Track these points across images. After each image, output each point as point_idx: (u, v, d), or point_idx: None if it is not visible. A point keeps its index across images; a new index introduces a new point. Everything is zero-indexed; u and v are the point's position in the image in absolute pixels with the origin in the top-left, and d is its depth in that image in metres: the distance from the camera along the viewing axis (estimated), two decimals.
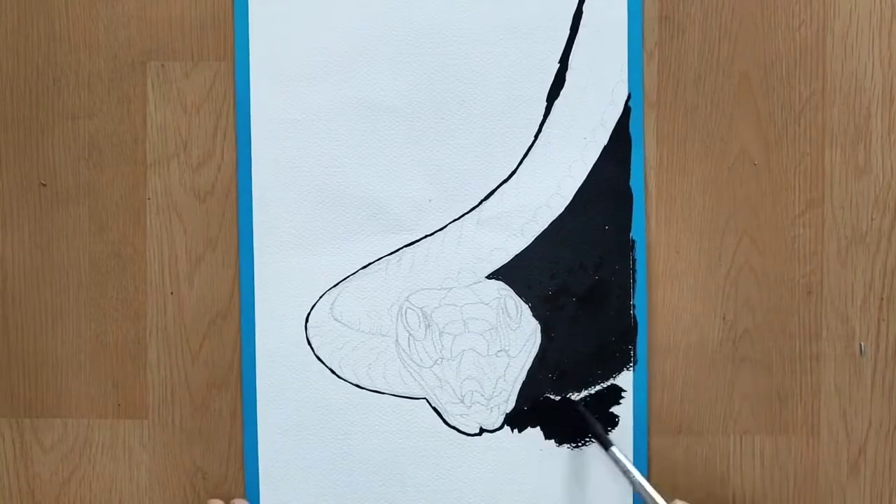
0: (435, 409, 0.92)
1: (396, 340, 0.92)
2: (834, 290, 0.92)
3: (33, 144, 0.92)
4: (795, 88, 0.92)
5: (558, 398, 0.92)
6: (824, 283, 0.92)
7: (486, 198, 0.91)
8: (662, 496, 0.83)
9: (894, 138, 0.92)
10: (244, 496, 0.92)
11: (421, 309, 0.91)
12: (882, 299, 0.92)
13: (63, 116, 0.92)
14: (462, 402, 0.92)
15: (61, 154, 0.92)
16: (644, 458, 0.92)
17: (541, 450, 0.92)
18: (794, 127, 0.92)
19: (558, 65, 0.91)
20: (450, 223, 0.91)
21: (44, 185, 0.92)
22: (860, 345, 0.92)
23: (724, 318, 0.92)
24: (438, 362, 0.91)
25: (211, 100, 0.92)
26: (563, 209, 0.91)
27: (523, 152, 0.91)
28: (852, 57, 0.92)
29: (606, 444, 0.89)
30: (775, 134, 0.92)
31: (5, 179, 0.92)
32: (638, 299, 0.91)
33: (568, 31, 0.91)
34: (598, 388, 0.92)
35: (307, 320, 0.92)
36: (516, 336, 0.92)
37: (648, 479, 0.91)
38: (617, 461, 0.87)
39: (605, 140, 0.91)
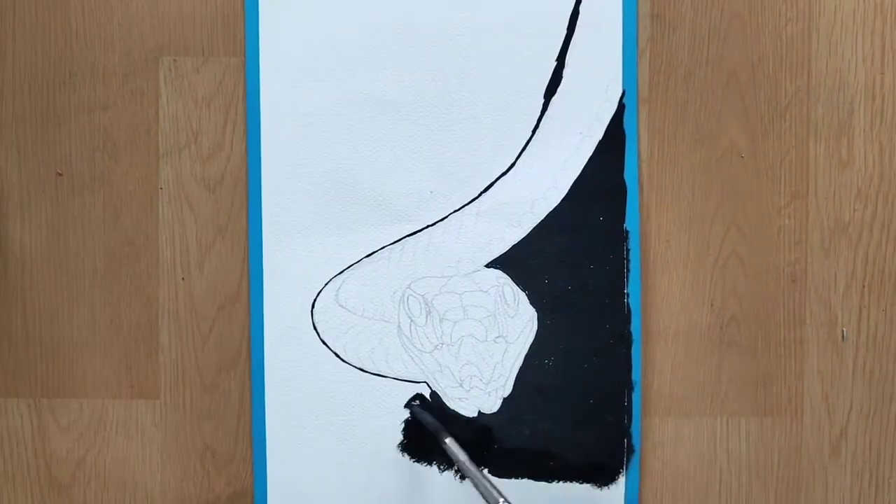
0: (435, 393, 0.94)
1: (398, 326, 0.94)
2: (817, 279, 0.94)
3: (50, 136, 0.94)
4: (781, 84, 0.94)
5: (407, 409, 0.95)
6: (808, 272, 0.94)
7: (486, 190, 0.93)
8: (498, 490, 0.85)
9: (876, 133, 0.94)
10: (252, 473, 0.95)
11: (422, 296, 0.93)
12: (863, 287, 0.94)
13: (79, 109, 0.94)
14: (461, 386, 0.93)
15: (77, 145, 0.94)
16: (637, 438, 0.94)
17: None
18: (780, 121, 0.94)
19: (555, 63, 0.93)
20: (450, 214, 0.93)
21: (60, 174, 0.94)
22: (842, 331, 0.95)
23: (711, 305, 0.95)
24: (438, 347, 0.93)
25: (221, 94, 0.94)
26: (559, 201, 0.93)
27: (521, 146, 0.93)
28: (836, 54, 0.94)
29: (441, 438, 0.91)
30: (762, 128, 0.94)
31: (24, 170, 0.94)
32: (631, 288, 0.93)
33: (565, 31, 0.93)
34: (592, 372, 0.94)
35: (313, 306, 0.94)
36: (514, 323, 0.93)
37: (640, 458, 0.94)
38: (452, 454, 0.89)
39: (600, 135, 0.93)
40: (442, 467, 0.95)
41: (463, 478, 0.94)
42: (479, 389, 0.94)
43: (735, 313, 0.95)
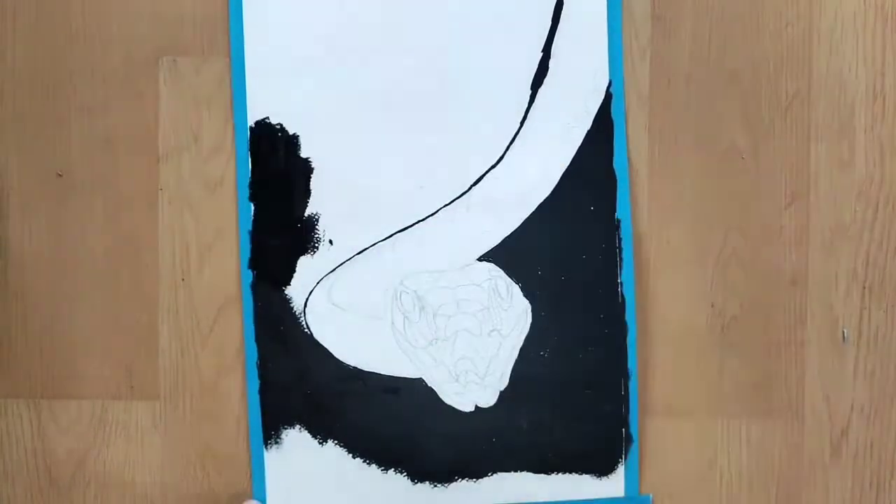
0: (431, 389, 0.94)
1: (392, 323, 0.94)
2: (818, 280, 0.94)
3: (50, 137, 0.94)
4: (782, 86, 0.94)
5: None
6: (809, 273, 0.94)
7: (476, 183, 0.93)
8: None
9: (877, 134, 0.94)
10: (251, 475, 0.95)
11: (415, 292, 0.93)
12: (864, 288, 0.94)
13: (79, 110, 0.94)
14: (457, 381, 0.93)
15: (77, 146, 0.94)
16: (635, 427, 0.94)
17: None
18: (781, 122, 0.94)
19: (541, 54, 0.93)
20: (440, 208, 0.93)
21: (60, 175, 0.94)
22: (843, 332, 0.94)
23: (712, 306, 0.94)
24: (433, 343, 0.93)
25: (221, 94, 0.94)
26: (549, 192, 0.93)
27: (510, 139, 0.93)
28: (837, 56, 0.94)
29: None
30: (763, 129, 0.94)
31: (23, 170, 0.94)
32: (625, 276, 0.93)
33: (550, 21, 0.93)
34: (588, 363, 0.94)
35: (306, 305, 0.94)
36: (508, 316, 0.93)
37: (639, 461, 0.94)
38: None
39: (588, 125, 0.93)
40: None
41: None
42: (475, 384, 0.94)
43: (736, 314, 0.94)
